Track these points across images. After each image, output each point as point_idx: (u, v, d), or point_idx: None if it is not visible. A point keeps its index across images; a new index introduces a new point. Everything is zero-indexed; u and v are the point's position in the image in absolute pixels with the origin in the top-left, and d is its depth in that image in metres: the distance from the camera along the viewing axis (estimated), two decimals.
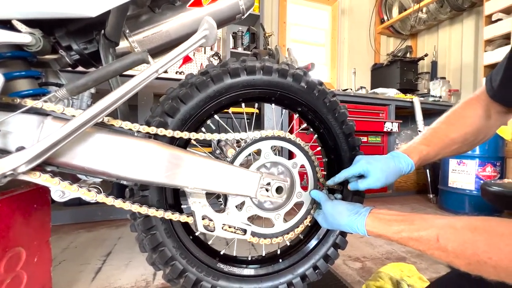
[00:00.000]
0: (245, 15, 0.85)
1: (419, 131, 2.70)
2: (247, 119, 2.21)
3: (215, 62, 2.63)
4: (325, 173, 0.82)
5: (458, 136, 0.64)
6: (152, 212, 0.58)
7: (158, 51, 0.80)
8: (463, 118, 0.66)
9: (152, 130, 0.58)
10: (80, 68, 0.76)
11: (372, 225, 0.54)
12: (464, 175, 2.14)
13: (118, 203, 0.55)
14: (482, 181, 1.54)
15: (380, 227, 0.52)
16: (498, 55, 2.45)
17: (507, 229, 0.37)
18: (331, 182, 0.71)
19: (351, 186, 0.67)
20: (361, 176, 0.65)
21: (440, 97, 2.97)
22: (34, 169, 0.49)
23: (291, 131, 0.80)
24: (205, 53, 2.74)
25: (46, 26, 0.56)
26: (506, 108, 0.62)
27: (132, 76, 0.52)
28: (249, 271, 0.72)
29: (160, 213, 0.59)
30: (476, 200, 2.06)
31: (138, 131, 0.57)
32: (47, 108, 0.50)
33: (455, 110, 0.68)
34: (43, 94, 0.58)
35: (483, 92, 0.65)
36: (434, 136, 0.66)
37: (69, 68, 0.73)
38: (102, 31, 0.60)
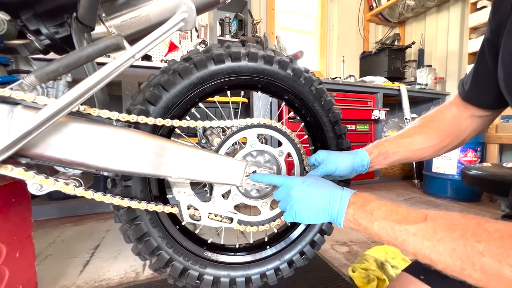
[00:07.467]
0: None
1: (406, 118, 2.76)
2: (236, 108, 2.18)
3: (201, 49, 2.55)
4: None
5: (426, 136, 0.66)
6: (134, 204, 0.57)
7: (138, 36, 0.76)
8: (432, 121, 0.68)
9: (132, 118, 0.56)
10: (56, 56, 0.71)
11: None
12: (447, 161, 2.22)
13: (98, 196, 0.53)
14: (463, 166, 1.60)
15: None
16: None
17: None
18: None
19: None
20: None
21: (426, 85, 3.03)
22: (5, 161, 0.47)
23: (279, 120, 0.79)
24: (191, 41, 2.65)
25: (11, 8, 0.52)
26: (479, 111, 0.62)
27: None
28: (236, 258, 0.73)
29: (143, 205, 0.58)
30: (458, 184, 2.15)
31: (118, 120, 0.55)
32: (16, 97, 0.47)
33: (427, 115, 0.70)
34: (13, 82, 0.54)
35: (456, 97, 0.66)
36: (402, 135, 0.68)
37: (42, 56, 0.69)
38: (74, 14, 0.56)
